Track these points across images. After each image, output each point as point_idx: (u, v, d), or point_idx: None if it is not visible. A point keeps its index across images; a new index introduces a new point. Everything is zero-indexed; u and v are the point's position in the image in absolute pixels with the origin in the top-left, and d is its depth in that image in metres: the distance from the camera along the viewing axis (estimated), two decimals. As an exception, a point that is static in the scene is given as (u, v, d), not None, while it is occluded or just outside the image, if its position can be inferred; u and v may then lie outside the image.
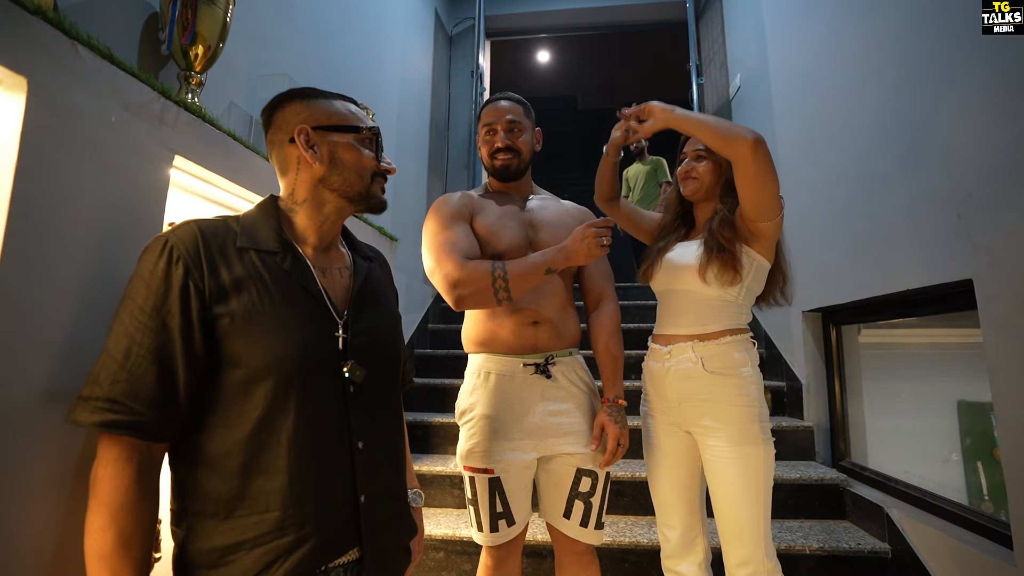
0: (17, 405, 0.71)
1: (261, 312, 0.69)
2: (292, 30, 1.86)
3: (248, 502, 0.66)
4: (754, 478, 1.10)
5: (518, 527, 1.18)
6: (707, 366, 1.16)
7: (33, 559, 0.71)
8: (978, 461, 1.57)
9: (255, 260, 0.72)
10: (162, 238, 0.69)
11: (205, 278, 0.67)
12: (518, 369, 1.18)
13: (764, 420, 1.14)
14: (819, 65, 2.20)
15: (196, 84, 1.23)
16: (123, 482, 0.62)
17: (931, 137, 1.48)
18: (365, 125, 0.83)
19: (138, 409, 0.63)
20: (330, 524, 0.69)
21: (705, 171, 1.25)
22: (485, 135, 1.27)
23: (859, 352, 2.22)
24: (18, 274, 0.71)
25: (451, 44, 4.52)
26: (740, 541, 1.11)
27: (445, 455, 2.32)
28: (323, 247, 0.82)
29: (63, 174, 0.77)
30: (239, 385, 0.67)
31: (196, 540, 0.67)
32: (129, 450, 0.63)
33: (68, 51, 0.78)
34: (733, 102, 3.35)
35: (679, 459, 1.23)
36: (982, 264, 1.27)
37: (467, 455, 1.18)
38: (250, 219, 0.77)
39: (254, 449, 0.67)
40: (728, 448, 1.12)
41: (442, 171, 4.23)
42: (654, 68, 7.49)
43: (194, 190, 1.22)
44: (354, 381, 0.75)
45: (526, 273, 1.08)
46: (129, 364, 0.63)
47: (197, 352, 0.66)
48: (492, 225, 1.22)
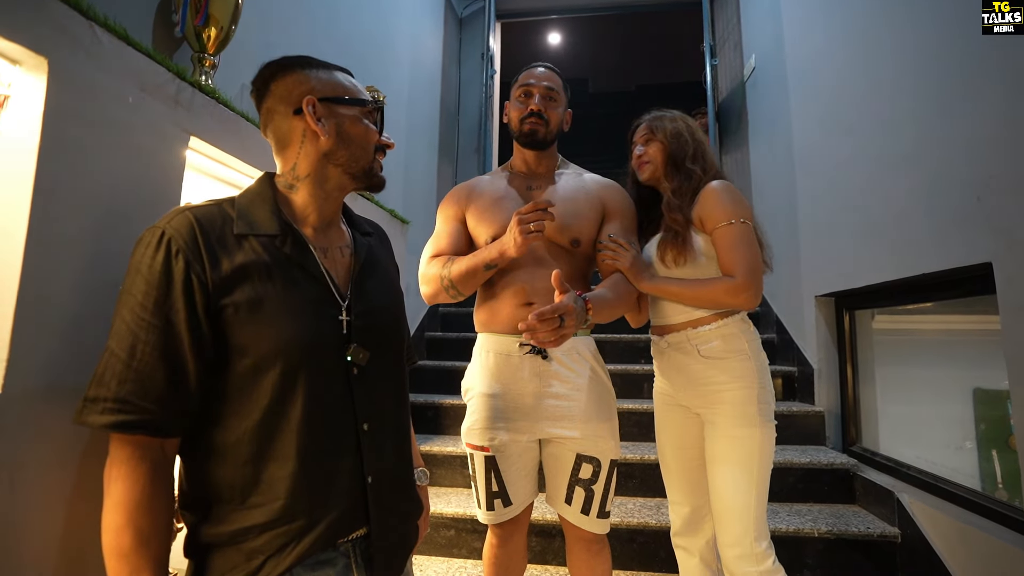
0: (44, 382, 0.73)
1: (265, 300, 0.67)
2: (302, 12, 1.86)
3: (261, 489, 0.66)
4: (747, 460, 1.10)
5: (515, 508, 1.17)
6: (702, 352, 1.17)
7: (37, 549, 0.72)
8: (993, 449, 1.56)
9: (255, 246, 0.70)
10: (157, 229, 0.66)
11: (207, 270, 0.65)
12: (514, 349, 1.16)
13: (764, 402, 1.13)
14: (835, 44, 2.15)
15: (209, 66, 1.24)
16: (138, 481, 0.62)
17: (951, 117, 1.44)
18: (368, 98, 0.81)
19: (149, 408, 0.62)
20: (339, 506, 0.70)
21: (655, 152, 1.25)
22: (520, 97, 1.23)
23: (872, 338, 2.20)
24: (45, 253, 0.72)
25: (461, 26, 4.46)
26: (730, 522, 1.11)
27: (455, 436, 2.36)
28: (323, 226, 0.79)
29: (83, 153, 0.79)
30: (247, 374, 0.66)
31: (208, 524, 0.67)
32: (142, 448, 0.63)
33: (86, 32, 0.79)
34: (748, 83, 3.28)
35: (687, 440, 1.25)
36: (1002, 247, 1.25)
37: (467, 432, 1.19)
38: (246, 201, 0.74)
39: (264, 436, 0.66)
40: (724, 429, 1.13)
41: (452, 154, 4.21)
42: (666, 49, 7.34)
43: (209, 171, 1.23)
44: (357, 363, 0.74)
45: (466, 273, 1.11)
46: (135, 363, 0.62)
47: (205, 345, 0.65)
48: (484, 212, 1.21)
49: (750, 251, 1.13)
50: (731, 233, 1.14)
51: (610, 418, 1.18)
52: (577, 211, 1.20)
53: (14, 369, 0.69)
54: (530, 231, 1.00)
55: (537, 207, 1.00)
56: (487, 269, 1.11)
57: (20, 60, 0.72)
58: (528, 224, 1.00)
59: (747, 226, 1.15)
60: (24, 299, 0.70)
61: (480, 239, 1.20)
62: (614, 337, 2.80)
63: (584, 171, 1.33)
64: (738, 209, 1.15)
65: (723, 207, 1.15)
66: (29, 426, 0.71)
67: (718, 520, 1.14)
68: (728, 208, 1.15)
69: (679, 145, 1.23)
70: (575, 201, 1.22)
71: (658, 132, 1.25)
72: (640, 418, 2.31)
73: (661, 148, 1.25)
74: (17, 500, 0.69)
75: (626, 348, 2.81)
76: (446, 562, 1.86)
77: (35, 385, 0.72)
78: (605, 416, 1.16)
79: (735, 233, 1.13)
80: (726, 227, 1.14)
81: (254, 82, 0.78)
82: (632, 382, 2.57)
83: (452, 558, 1.88)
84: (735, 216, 1.14)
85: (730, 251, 1.13)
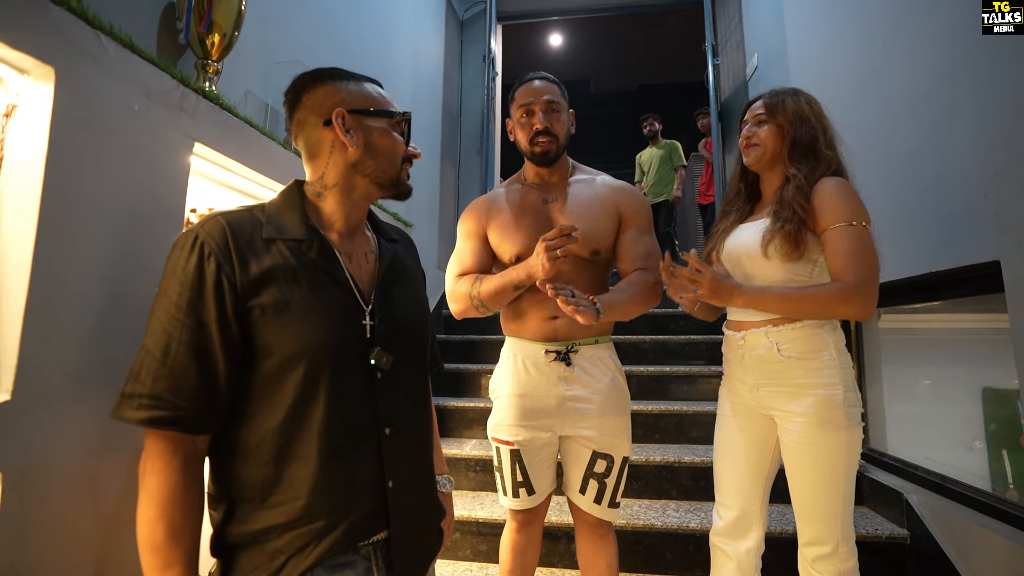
0: (53, 387, 0.73)
1: (290, 302, 0.70)
2: (304, 17, 1.87)
3: (282, 488, 0.68)
4: (833, 465, 1.05)
5: (538, 497, 1.26)
6: (783, 351, 1.09)
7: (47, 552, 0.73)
8: (1003, 449, 1.54)
9: (283, 250, 0.73)
10: (191, 233, 0.69)
11: (236, 272, 0.68)
12: (541, 354, 1.22)
13: (851, 405, 1.06)
14: (839, 42, 2.14)
15: (213, 72, 1.24)
16: (171, 475, 0.65)
17: (957, 114, 1.43)
18: (397, 110, 0.82)
19: (181, 404, 0.64)
20: (359, 509, 0.71)
21: (767, 136, 1.16)
22: (522, 117, 1.24)
23: (879, 337, 2.18)
24: (52, 259, 0.73)
25: (462, 29, 4.48)
26: (814, 521, 1.08)
27: (461, 438, 2.36)
28: (349, 232, 0.82)
29: (90, 160, 0.79)
30: (272, 375, 0.69)
31: (232, 523, 0.69)
32: (175, 444, 0.65)
33: (92, 41, 0.80)
34: (750, 82, 3.28)
35: (753, 442, 1.19)
36: (1011, 245, 1.24)
37: (495, 427, 1.27)
38: (275, 207, 0.77)
39: (287, 437, 0.68)
40: (807, 434, 1.06)
41: (455, 157, 4.22)
42: (668, 49, 7.34)
43: (213, 176, 1.24)
44: (381, 368, 0.75)
45: (495, 292, 1.17)
46: (169, 361, 0.65)
47: (234, 345, 0.68)
48: (507, 229, 1.25)
49: (869, 256, 1.03)
50: (850, 235, 1.03)
51: (625, 419, 1.24)
52: (595, 223, 1.23)
53: (23, 374, 0.69)
54: (556, 256, 1.05)
55: (562, 232, 1.05)
56: (515, 289, 1.16)
57: (28, 70, 0.73)
58: (555, 250, 1.05)
59: (867, 230, 1.04)
60: (33, 305, 0.70)
61: (504, 256, 1.25)
62: (618, 339, 2.80)
63: (595, 173, 1.35)
64: (860, 211, 1.05)
65: (843, 205, 1.05)
66: (37, 430, 0.71)
67: (800, 520, 1.11)
68: (848, 207, 1.05)
69: (805, 129, 1.13)
70: (591, 210, 1.24)
71: (778, 113, 1.14)
72: (645, 419, 2.31)
73: (777, 132, 1.15)
74: (25, 503, 0.70)
75: (631, 350, 2.80)
76: (451, 564, 1.86)
77: (44, 390, 0.72)
78: (620, 417, 1.23)
79: (855, 235, 1.03)
80: (845, 227, 1.04)
81: (287, 93, 0.80)
82: (639, 384, 2.56)
83: (456, 560, 1.88)
84: (856, 218, 1.04)
85: (847, 254, 1.03)
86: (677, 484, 2.04)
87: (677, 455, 2.04)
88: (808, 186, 1.09)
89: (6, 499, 0.66)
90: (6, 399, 0.67)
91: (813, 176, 1.11)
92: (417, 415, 0.83)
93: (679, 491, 2.03)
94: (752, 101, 1.23)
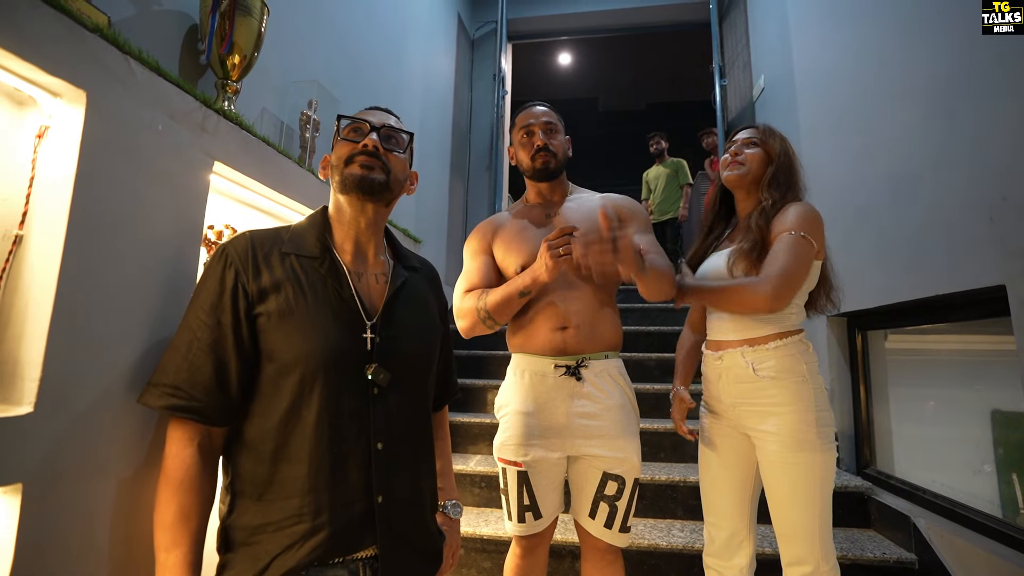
0: (74, 400, 0.75)
1: (294, 311, 0.76)
2: (320, 37, 1.92)
3: (276, 486, 0.72)
4: (807, 484, 1.07)
5: (545, 521, 1.22)
6: (759, 371, 1.13)
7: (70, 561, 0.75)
8: (1013, 473, 1.53)
9: (295, 264, 0.80)
10: (223, 246, 0.79)
11: (250, 280, 0.76)
12: (549, 370, 1.20)
13: (823, 425, 1.09)
14: (845, 65, 2.17)
15: (232, 92, 1.29)
16: (184, 460, 0.71)
17: (963, 137, 1.45)
18: (348, 117, 0.88)
19: (196, 396, 0.71)
20: (344, 518, 0.73)
21: (754, 158, 1.22)
22: (523, 137, 1.30)
23: (885, 358, 2.17)
24: (76, 275, 0.76)
25: (473, 48, 4.56)
26: (793, 540, 1.10)
27: (465, 454, 2.35)
28: (360, 254, 0.87)
29: (115, 179, 0.82)
30: (272, 377, 0.74)
31: (234, 516, 0.73)
32: (191, 432, 0.72)
33: (121, 65, 0.84)
34: (757, 103, 3.31)
35: (733, 461, 1.21)
36: (1016, 269, 1.24)
37: (500, 447, 1.24)
38: (300, 227, 0.86)
39: (282, 436, 0.73)
40: (782, 454, 1.09)
41: (464, 174, 4.28)
42: (676, 70, 7.43)
43: (230, 193, 1.27)
44: (377, 383, 0.78)
45: (501, 302, 1.16)
46: (190, 356, 0.72)
47: (245, 346, 0.74)
48: (511, 242, 1.27)
49: (792, 259, 1.07)
50: (783, 240, 1.09)
51: (635, 438, 1.21)
52: (598, 227, 1.23)
53: (46, 388, 0.71)
54: (560, 255, 1.05)
55: (563, 232, 1.06)
56: (521, 296, 1.15)
57: (61, 93, 0.77)
58: (557, 249, 1.06)
59: (806, 241, 1.09)
60: (58, 320, 0.73)
61: (509, 269, 1.26)
62: (623, 356, 2.79)
63: (595, 193, 1.39)
64: (806, 225, 1.10)
65: (793, 219, 1.11)
66: (58, 443, 0.73)
67: (780, 539, 1.13)
68: (797, 221, 1.11)
69: (788, 163, 1.22)
70: (592, 217, 1.27)
71: (770, 142, 1.22)
72: (650, 437, 2.29)
73: (764, 159, 1.22)
74: (45, 515, 0.71)
75: (636, 367, 2.80)
76: (454, 582, 1.84)
77: (65, 403, 0.74)
78: (631, 436, 1.20)
79: (787, 240, 1.09)
80: (784, 235, 1.10)
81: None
82: (643, 401, 2.55)
83: (460, 578, 1.87)
84: (800, 229, 1.09)
85: (772, 254, 1.09)
86: (682, 503, 2.02)
87: (682, 474, 2.03)
88: (773, 211, 1.16)
89: (26, 511, 0.68)
90: (29, 411, 0.69)
91: (782, 203, 1.17)
92: (412, 436, 0.84)
93: (684, 510, 2.01)
94: (743, 127, 1.30)
